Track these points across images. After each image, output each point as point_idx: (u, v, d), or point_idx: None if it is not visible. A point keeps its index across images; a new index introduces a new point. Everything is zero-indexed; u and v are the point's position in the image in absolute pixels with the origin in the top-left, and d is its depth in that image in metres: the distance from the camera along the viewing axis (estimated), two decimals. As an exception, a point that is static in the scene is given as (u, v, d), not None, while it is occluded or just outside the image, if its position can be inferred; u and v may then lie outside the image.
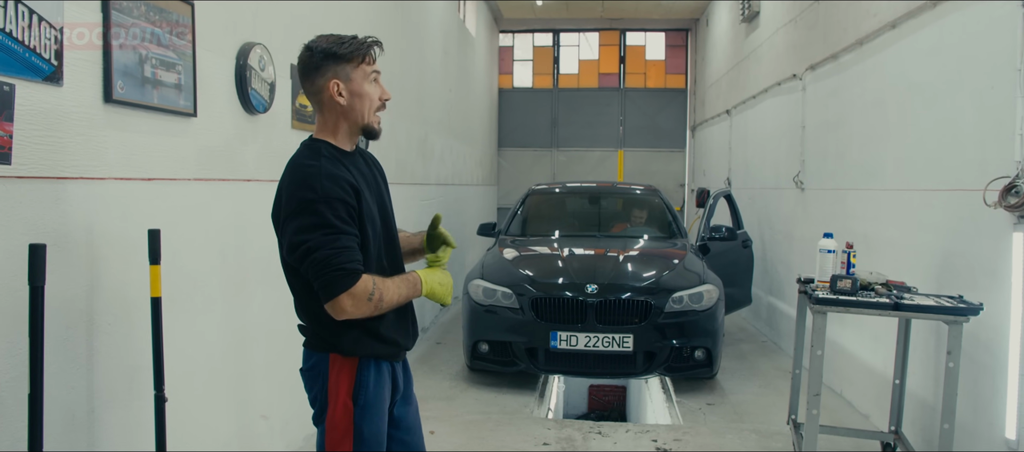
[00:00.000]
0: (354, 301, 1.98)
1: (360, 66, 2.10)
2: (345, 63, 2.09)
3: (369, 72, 2.12)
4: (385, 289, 2.05)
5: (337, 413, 2.12)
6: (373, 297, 2.01)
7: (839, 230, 4.83)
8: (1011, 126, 3.28)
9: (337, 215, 1.98)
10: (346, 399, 2.12)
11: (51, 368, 2.21)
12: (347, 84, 2.09)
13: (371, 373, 2.15)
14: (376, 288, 2.02)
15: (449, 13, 9.13)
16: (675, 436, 4.52)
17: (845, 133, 5.46)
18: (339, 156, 2.11)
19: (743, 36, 9.47)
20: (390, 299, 2.07)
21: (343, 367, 2.13)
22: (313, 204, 1.97)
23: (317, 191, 1.98)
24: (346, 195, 2.01)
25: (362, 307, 2.00)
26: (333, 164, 2.05)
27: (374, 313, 2.04)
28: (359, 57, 2.10)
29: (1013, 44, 3.29)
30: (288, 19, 3.95)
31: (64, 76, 2.32)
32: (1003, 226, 3.33)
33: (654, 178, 13.79)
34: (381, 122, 2.21)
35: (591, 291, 5.26)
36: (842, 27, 5.56)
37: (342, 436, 2.13)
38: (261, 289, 3.70)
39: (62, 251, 2.33)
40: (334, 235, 1.97)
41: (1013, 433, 3.25)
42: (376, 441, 2.17)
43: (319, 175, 2.00)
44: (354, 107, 2.11)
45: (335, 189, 1.99)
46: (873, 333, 4.75)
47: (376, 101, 2.15)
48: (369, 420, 2.15)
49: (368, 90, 2.12)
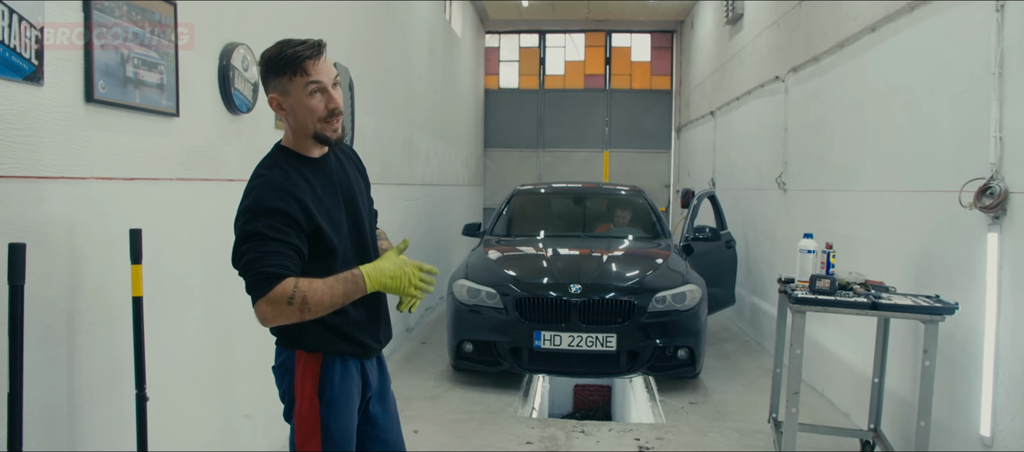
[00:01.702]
0: (272, 307, 1.93)
1: (294, 79, 2.03)
2: (280, 77, 2.04)
3: (305, 83, 2.03)
4: (312, 291, 1.95)
5: (304, 409, 2.13)
6: (294, 300, 1.93)
7: (820, 231, 4.89)
8: (986, 129, 3.34)
9: (271, 225, 1.96)
10: (312, 395, 2.13)
11: (31, 367, 2.20)
12: (285, 98, 2.06)
13: (336, 369, 2.16)
14: (298, 291, 1.93)
15: (435, 14, 9.13)
16: (658, 435, 4.55)
17: (826, 135, 5.52)
18: (298, 164, 2.10)
19: (727, 38, 9.53)
20: (319, 299, 1.96)
21: (308, 364, 2.14)
22: (250, 214, 1.98)
23: (257, 202, 1.98)
24: (287, 207, 1.98)
25: (283, 311, 1.94)
26: (284, 176, 2.03)
27: (303, 317, 1.97)
28: (290, 69, 2.02)
29: (988, 48, 3.34)
30: (272, 19, 3.95)
31: (45, 76, 2.32)
32: (978, 227, 3.39)
33: (639, 179, 13.84)
34: (340, 129, 2.13)
35: (575, 291, 5.29)
36: (823, 30, 5.62)
37: (310, 432, 2.14)
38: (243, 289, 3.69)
39: (43, 250, 2.33)
40: (262, 242, 1.95)
41: (988, 430, 3.30)
42: (343, 437, 2.17)
43: (265, 186, 2.00)
44: (297, 118, 2.07)
45: (276, 201, 1.97)
46: (853, 332, 4.81)
47: (320, 111, 2.06)
48: (335, 416, 2.15)
49: (306, 103, 2.04)
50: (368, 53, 5.75)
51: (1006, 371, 3.22)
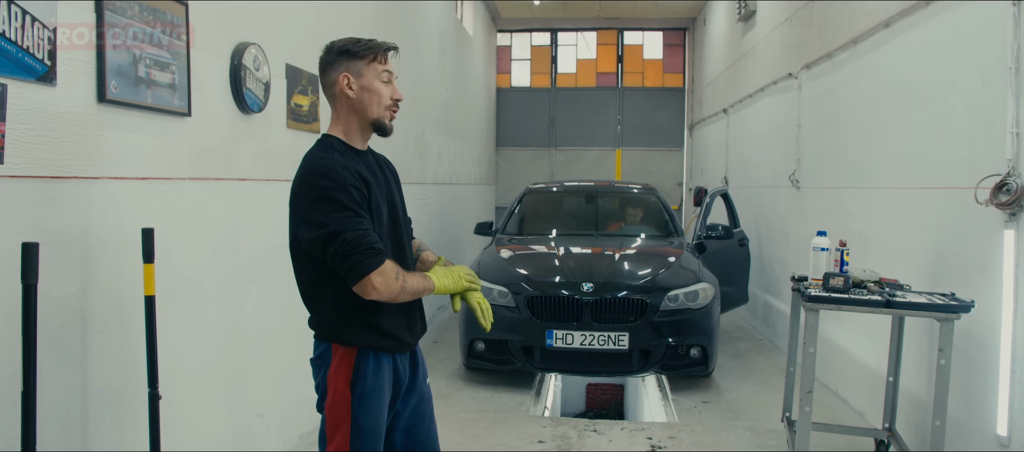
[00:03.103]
0: (384, 279, 2.04)
1: (372, 64, 2.20)
2: (358, 59, 2.20)
3: (380, 70, 2.22)
4: (407, 277, 2.12)
5: (335, 400, 2.19)
6: (399, 278, 2.08)
7: (834, 228, 4.85)
8: (1002, 124, 3.30)
9: (353, 200, 2.07)
10: (344, 388, 2.18)
11: (45, 366, 2.22)
12: (358, 79, 2.20)
13: (370, 364, 2.19)
14: (401, 274, 2.09)
15: (446, 13, 9.14)
16: (670, 434, 4.53)
17: (840, 131, 5.47)
18: (349, 152, 2.20)
19: (740, 35, 9.48)
20: (412, 284, 2.13)
21: (343, 357, 2.19)
22: (331, 191, 2.05)
23: (334, 179, 2.06)
24: (357, 183, 2.10)
25: (391, 286, 2.06)
26: (344, 157, 2.15)
27: (398, 296, 2.10)
28: (371, 55, 2.20)
29: (1004, 43, 3.30)
30: (284, 19, 3.96)
31: (58, 76, 2.34)
32: (994, 224, 3.35)
33: (652, 177, 13.79)
34: (393, 121, 2.29)
35: (587, 290, 5.27)
36: (837, 26, 5.57)
37: (339, 422, 2.18)
38: (256, 288, 3.71)
39: (56, 249, 2.34)
40: (357, 218, 2.05)
41: (1005, 429, 3.26)
42: (373, 432, 2.20)
43: (335, 163, 2.10)
44: (363, 101, 2.20)
45: (348, 177, 2.08)
46: (868, 331, 4.77)
47: (386, 99, 2.23)
48: (366, 410, 2.18)
49: (378, 87, 2.21)
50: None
51: (1023, 369, 3.18)
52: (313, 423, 4.44)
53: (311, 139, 4.34)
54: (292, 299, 4.09)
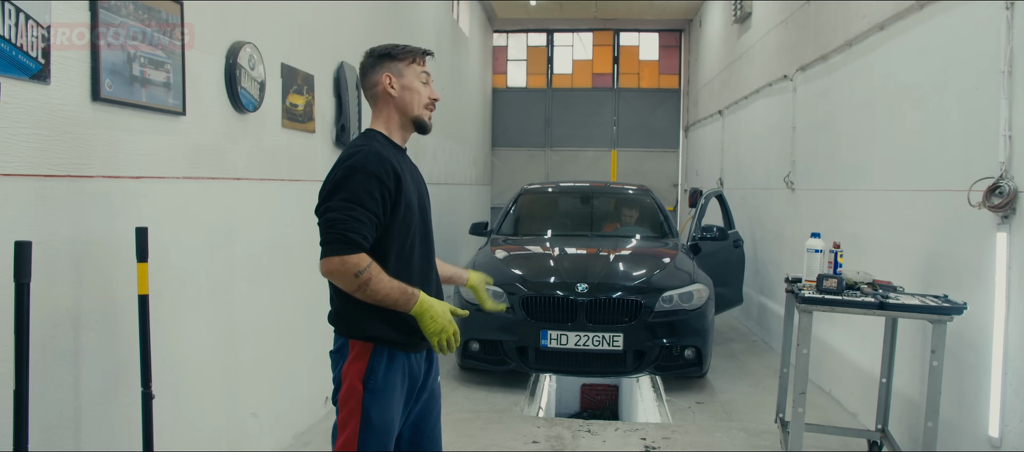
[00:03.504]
0: (342, 268, 2.08)
1: (411, 65, 2.34)
2: (399, 61, 2.34)
3: (419, 71, 2.35)
4: (377, 280, 2.10)
5: (347, 395, 2.23)
6: (360, 276, 2.08)
7: (829, 230, 4.86)
8: (995, 127, 3.31)
9: (366, 190, 2.13)
10: (356, 382, 2.22)
11: (37, 365, 2.22)
12: (399, 79, 2.33)
13: (383, 360, 2.24)
14: (367, 272, 2.08)
15: (442, 13, 9.13)
16: (664, 434, 4.54)
17: (834, 134, 5.49)
18: (389, 145, 2.30)
19: (735, 37, 9.50)
20: (376, 288, 2.10)
21: (359, 352, 2.24)
22: (350, 173, 2.14)
23: (358, 163, 2.15)
24: (385, 176, 2.16)
25: (346, 278, 2.09)
26: (383, 149, 2.24)
27: (356, 292, 2.10)
28: (410, 57, 2.35)
29: (997, 46, 3.32)
30: (278, 17, 3.96)
31: (51, 74, 2.33)
32: (987, 226, 3.36)
33: (647, 178, 13.81)
34: (431, 120, 2.40)
35: (581, 290, 5.28)
36: (832, 28, 5.59)
37: (349, 415, 2.22)
38: (250, 287, 3.70)
39: (49, 248, 2.34)
40: (353, 206, 2.11)
41: (996, 431, 3.28)
42: (383, 429, 2.23)
43: (366, 152, 2.18)
44: (404, 99, 2.33)
45: (376, 165, 2.16)
46: (861, 332, 4.78)
47: (425, 97, 2.36)
48: (378, 406, 2.22)
49: (417, 86, 2.34)
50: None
51: (1015, 371, 3.19)
52: (307, 422, 4.45)
53: (306, 139, 4.36)
54: (286, 298, 4.12)
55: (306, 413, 4.46)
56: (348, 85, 4.83)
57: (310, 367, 4.49)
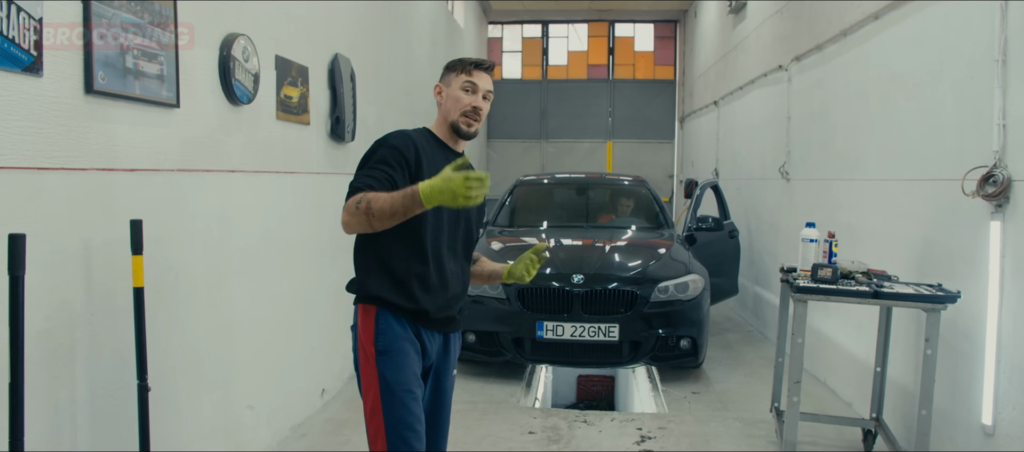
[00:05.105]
0: (347, 212, 2.17)
1: (459, 76, 2.47)
2: (450, 72, 2.50)
3: (464, 81, 2.45)
4: (375, 197, 2.13)
5: (363, 360, 2.34)
6: (361, 204, 2.13)
7: (824, 220, 4.88)
8: (989, 116, 3.32)
9: (383, 158, 2.29)
10: (368, 345, 2.33)
11: (32, 358, 2.21)
12: (446, 88, 2.49)
13: (389, 322, 2.33)
14: (364, 196, 2.14)
15: (437, 5, 9.11)
16: (660, 425, 4.56)
17: (829, 124, 5.50)
18: (429, 138, 2.46)
19: (731, 27, 9.49)
20: (380, 206, 2.09)
21: (365, 316, 2.35)
22: (375, 148, 2.35)
23: (383, 138, 2.36)
24: (404, 148, 2.32)
25: (351, 214, 2.16)
26: (417, 134, 2.41)
27: (370, 222, 2.13)
28: (459, 69, 2.47)
29: (991, 35, 3.32)
30: (272, 10, 3.94)
31: (44, 67, 2.32)
32: (981, 215, 3.37)
33: (643, 169, 13.82)
34: (473, 129, 2.49)
35: (577, 281, 5.29)
36: (826, 18, 5.59)
37: (370, 382, 2.32)
38: (246, 279, 3.70)
39: (43, 241, 2.33)
40: (368, 169, 2.27)
41: (990, 419, 3.30)
42: (403, 388, 2.30)
43: (398, 131, 2.39)
44: (446, 106, 2.48)
45: (396, 140, 2.34)
46: (856, 322, 4.80)
47: (463, 105, 2.45)
48: (392, 368, 2.30)
49: (458, 95, 2.46)
50: (370, 44, 5.74)
51: (1008, 360, 3.21)
52: (303, 414, 4.45)
53: (301, 130, 4.35)
54: (282, 291, 4.12)
55: (303, 405, 4.46)
56: (343, 77, 4.82)
57: (306, 359, 4.50)
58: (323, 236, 4.65)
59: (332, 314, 4.74)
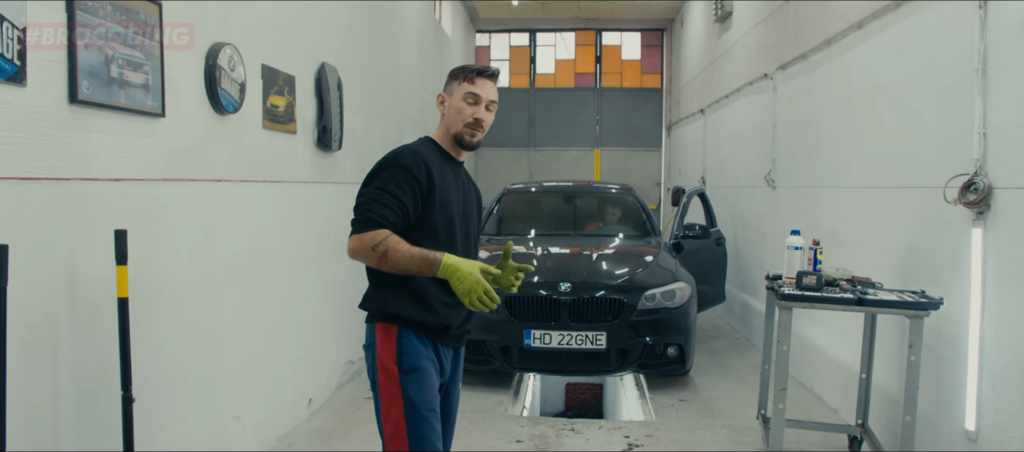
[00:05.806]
0: (360, 244, 2.19)
1: (461, 85, 2.44)
2: (453, 81, 2.48)
3: (466, 92, 2.42)
4: (395, 248, 2.17)
5: (385, 379, 2.32)
6: (378, 248, 2.17)
7: (809, 227, 4.91)
8: (970, 125, 3.36)
9: (394, 179, 2.26)
10: (391, 364, 2.30)
11: (15, 369, 2.20)
12: (449, 97, 2.47)
13: (412, 340, 2.32)
14: (385, 243, 2.17)
15: (424, 13, 9.12)
16: (647, 432, 4.56)
17: (814, 132, 5.54)
18: (434, 150, 2.43)
19: (717, 36, 9.56)
20: (397, 258, 2.17)
21: (385, 336, 2.32)
22: (384, 165, 2.30)
23: (393, 156, 2.31)
24: (416, 169, 2.28)
25: (366, 253, 2.19)
26: (424, 148, 2.38)
27: (379, 265, 2.19)
28: (462, 77, 2.45)
29: (971, 44, 3.36)
30: (258, 18, 3.94)
31: (28, 76, 2.31)
32: (963, 222, 3.41)
33: (630, 177, 13.87)
34: (476, 140, 2.46)
35: (565, 289, 5.30)
36: (811, 27, 5.64)
37: (392, 402, 2.30)
38: (232, 290, 3.69)
39: (26, 252, 2.32)
40: (380, 190, 2.25)
41: (973, 424, 3.32)
42: (426, 407, 2.30)
43: (404, 149, 2.34)
44: (449, 116, 2.46)
45: (408, 160, 2.29)
46: (842, 329, 4.83)
47: (466, 115, 2.42)
48: (416, 387, 2.29)
49: (460, 105, 2.43)
50: (356, 52, 5.74)
51: (990, 365, 3.24)
52: (290, 425, 4.43)
53: (288, 140, 4.34)
54: (268, 301, 4.10)
55: (289, 415, 4.44)
56: (329, 86, 4.81)
57: (293, 369, 4.48)
58: (310, 246, 4.64)
59: (319, 324, 4.72)
